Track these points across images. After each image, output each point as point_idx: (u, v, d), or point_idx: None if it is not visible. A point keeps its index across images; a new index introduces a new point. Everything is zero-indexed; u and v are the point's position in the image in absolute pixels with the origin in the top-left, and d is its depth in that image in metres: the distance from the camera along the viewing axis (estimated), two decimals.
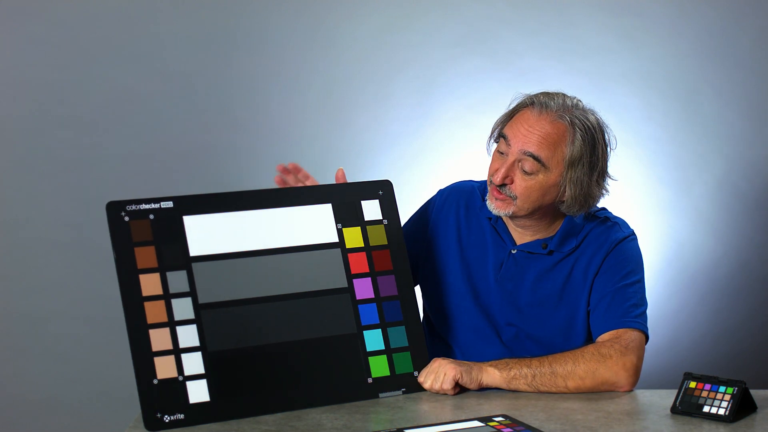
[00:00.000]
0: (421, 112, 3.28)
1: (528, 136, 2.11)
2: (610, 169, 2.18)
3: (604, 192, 2.18)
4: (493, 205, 2.16)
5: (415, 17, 3.26)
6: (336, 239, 2.09)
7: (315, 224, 2.08)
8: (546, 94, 2.16)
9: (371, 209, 2.13)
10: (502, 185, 2.13)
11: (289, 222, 2.06)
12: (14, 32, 3.17)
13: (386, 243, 2.12)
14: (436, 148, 3.25)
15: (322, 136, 3.27)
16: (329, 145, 3.26)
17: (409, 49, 3.26)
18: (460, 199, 2.31)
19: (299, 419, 1.91)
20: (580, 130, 2.11)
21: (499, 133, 2.17)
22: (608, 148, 2.17)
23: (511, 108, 2.19)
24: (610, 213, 2.29)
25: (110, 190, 3.14)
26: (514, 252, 2.23)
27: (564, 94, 2.16)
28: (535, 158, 2.10)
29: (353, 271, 2.08)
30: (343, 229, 2.10)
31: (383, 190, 2.15)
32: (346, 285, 2.07)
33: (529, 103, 2.15)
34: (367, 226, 2.11)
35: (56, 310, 3.22)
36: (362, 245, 2.10)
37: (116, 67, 3.19)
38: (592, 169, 2.13)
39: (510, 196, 2.13)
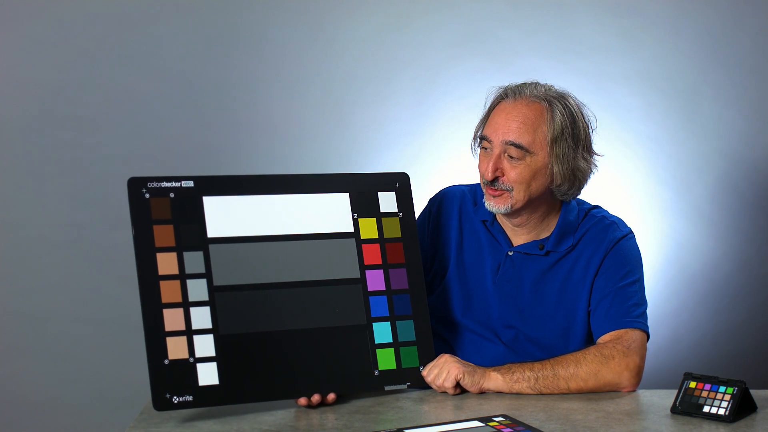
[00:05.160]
0: (421, 112, 3.28)
1: (506, 125, 2.13)
2: (596, 149, 2.21)
3: (592, 167, 2.20)
4: (492, 203, 2.16)
5: (415, 17, 3.26)
6: (352, 229, 2.10)
7: (332, 213, 2.09)
8: (519, 83, 2.19)
9: (387, 201, 2.14)
10: (494, 180, 2.13)
11: (307, 209, 2.07)
12: (14, 32, 3.17)
13: (400, 236, 2.13)
14: (436, 148, 3.25)
15: (322, 136, 3.26)
16: (329, 145, 3.26)
17: (409, 49, 3.26)
18: (453, 205, 2.32)
19: (299, 419, 1.91)
20: (558, 105, 2.13)
21: (480, 135, 2.18)
22: (589, 127, 2.19)
23: (487, 107, 2.21)
24: (607, 212, 2.29)
25: (110, 190, 3.15)
26: (510, 254, 2.23)
27: (537, 81, 2.19)
28: (517, 146, 2.11)
29: (366, 262, 2.09)
30: (359, 219, 2.11)
31: (400, 183, 2.16)
32: (358, 276, 2.08)
33: (503, 96, 2.18)
34: (383, 218, 2.13)
35: (56, 310, 3.22)
36: (376, 237, 2.11)
37: (116, 67, 3.19)
38: (576, 143, 2.15)
39: (506, 189, 2.14)
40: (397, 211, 2.14)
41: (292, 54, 3.24)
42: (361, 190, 2.13)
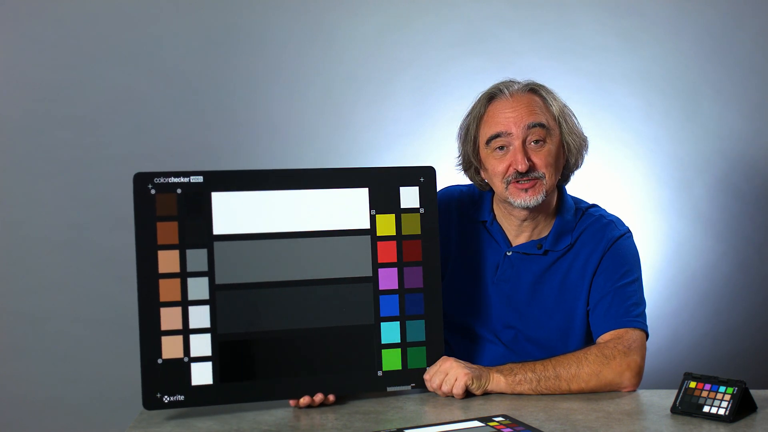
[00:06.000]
0: (421, 112, 3.28)
1: (518, 114, 2.16)
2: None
3: (585, 135, 2.25)
4: (526, 197, 2.15)
5: (415, 17, 3.26)
6: (367, 226, 2.04)
7: (348, 209, 2.03)
8: (499, 83, 2.22)
9: (409, 196, 2.07)
10: (526, 172, 2.13)
11: (321, 205, 2.01)
12: (14, 32, 3.17)
13: (419, 233, 2.07)
14: (436, 148, 3.25)
15: (322, 136, 3.26)
16: (329, 145, 3.26)
17: (409, 49, 3.26)
18: (452, 205, 2.32)
19: (299, 419, 1.91)
20: (546, 90, 2.21)
21: (493, 135, 2.17)
22: None
23: (474, 114, 2.22)
24: (604, 211, 2.29)
25: (110, 191, 3.15)
26: (509, 254, 2.23)
27: (512, 78, 2.24)
28: (539, 125, 2.14)
29: (380, 260, 2.04)
30: (377, 215, 2.05)
31: (425, 177, 2.10)
32: (370, 274, 2.03)
33: (491, 97, 2.20)
34: (402, 214, 2.06)
35: (56, 310, 3.22)
36: (394, 234, 2.05)
37: (116, 67, 3.19)
38: (573, 115, 2.23)
39: (538, 177, 2.14)
40: (418, 206, 2.08)
41: (292, 54, 3.24)
42: (382, 184, 2.05)
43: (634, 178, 3.31)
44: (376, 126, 3.27)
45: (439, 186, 2.41)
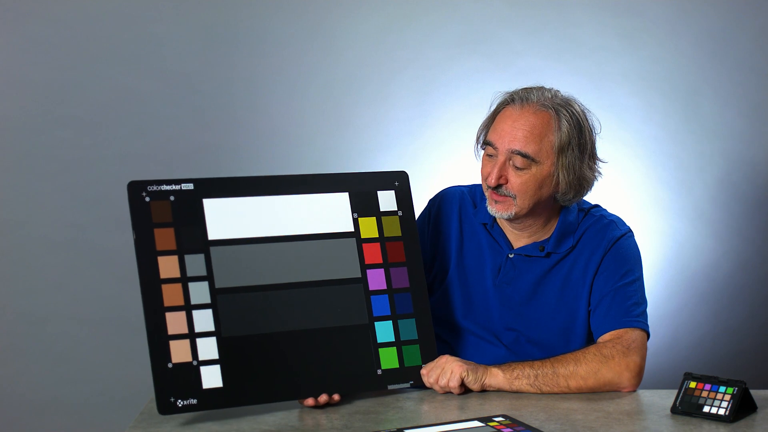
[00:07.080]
0: (421, 112, 3.28)
1: (513, 133, 2.11)
2: (598, 153, 2.20)
3: (596, 174, 2.19)
4: (495, 209, 2.15)
5: (415, 17, 3.26)
6: (352, 229, 2.10)
7: (332, 213, 2.09)
8: (525, 88, 2.16)
9: (387, 200, 2.14)
10: (498, 186, 2.12)
11: (307, 209, 2.07)
12: (14, 32, 3.17)
13: (400, 234, 2.13)
14: (436, 148, 3.25)
15: (322, 136, 3.27)
16: (329, 145, 3.26)
17: (409, 49, 3.26)
18: (453, 206, 2.31)
19: (299, 419, 1.91)
20: (565, 115, 2.12)
21: (485, 140, 2.16)
22: (593, 132, 2.18)
23: (492, 110, 2.19)
24: (605, 211, 2.28)
25: (110, 191, 3.15)
26: (511, 256, 2.23)
27: (543, 87, 2.16)
28: (524, 155, 2.10)
29: (367, 261, 2.09)
30: (359, 218, 2.11)
31: (399, 182, 2.16)
32: (359, 275, 2.08)
33: (509, 101, 2.15)
34: (383, 217, 2.13)
35: (56, 310, 3.22)
36: (377, 236, 2.11)
37: (116, 67, 3.20)
38: (582, 152, 2.14)
39: (509, 196, 2.13)
40: (396, 209, 2.14)
41: (292, 54, 3.25)
42: (361, 189, 2.12)
43: (634, 178, 3.31)
44: (376, 126, 3.27)
45: (438, 187, 2.42)
